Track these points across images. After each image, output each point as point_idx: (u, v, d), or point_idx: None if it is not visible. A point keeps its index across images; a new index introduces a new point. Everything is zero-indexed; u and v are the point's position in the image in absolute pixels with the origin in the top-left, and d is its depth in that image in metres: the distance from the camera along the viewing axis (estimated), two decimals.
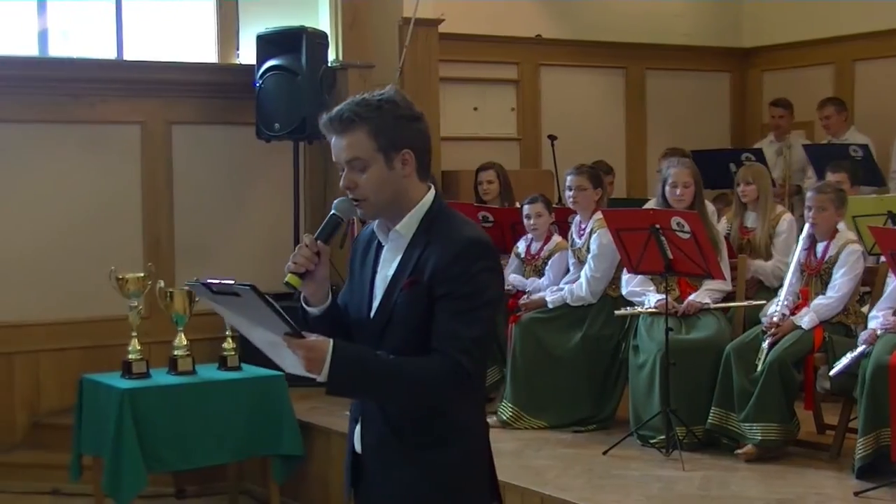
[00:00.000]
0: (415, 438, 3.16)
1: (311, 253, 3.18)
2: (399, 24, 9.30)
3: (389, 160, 3.13)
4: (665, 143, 10.33)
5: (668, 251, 6.40)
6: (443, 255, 3.09)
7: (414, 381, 3.06)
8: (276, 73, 8.39)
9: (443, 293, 3.07)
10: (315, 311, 3.26)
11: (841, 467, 6.05)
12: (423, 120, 3.22)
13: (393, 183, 3.15)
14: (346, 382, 3.08)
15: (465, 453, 3.19)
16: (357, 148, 3.14)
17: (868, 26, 10.92)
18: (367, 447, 3.26)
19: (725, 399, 6.30)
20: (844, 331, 6.38)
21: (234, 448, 6.84)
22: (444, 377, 3.04)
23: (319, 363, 3.02)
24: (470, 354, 3.04)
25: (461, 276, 3.06)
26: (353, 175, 3.17)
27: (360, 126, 3.12)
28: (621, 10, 11.44)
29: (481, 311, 3.07)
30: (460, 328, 3.04)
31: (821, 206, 6.45)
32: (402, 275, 3.16)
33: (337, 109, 3.17)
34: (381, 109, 3.12)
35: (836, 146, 9.69)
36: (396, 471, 3.18)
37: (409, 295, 3.12)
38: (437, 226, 3.17)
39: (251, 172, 8.93)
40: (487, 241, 3.15)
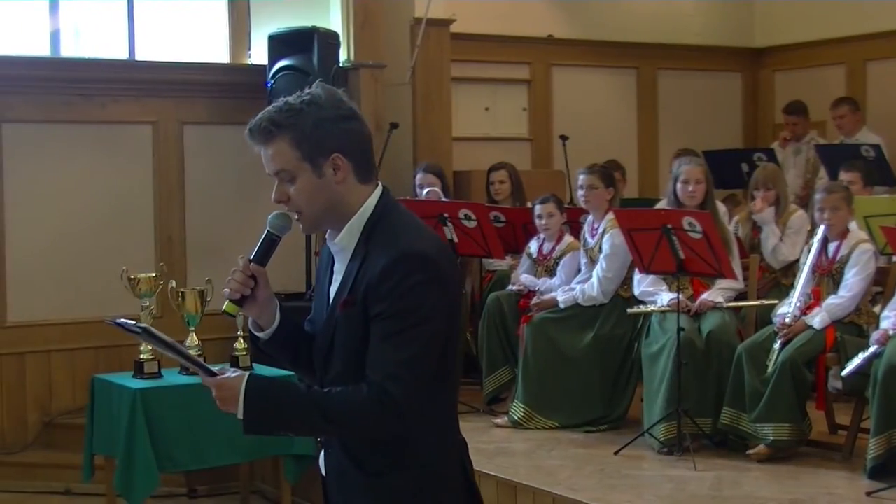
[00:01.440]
0: (371, 467, 2.96)
1: (245, 276, 3.01)
2: (410, 24, 9.30)
3: (317, 167, 2.91)
4: (677, 143, 10.33)
5: (679, 251, 6.39)
6: (374, 272, 2.85)
7: (334, 416, 2.85)
8: (287, 73, 8.39)
9: (374, 314, 2.85)
10: (263, 336, 3.08)
11: (853, 467, 6.04)
12: (356, 117, 2.99)
13: (325, 191, 2.93)
14: (262, 421, 2.91)
15: (426, 478, 2.97)
16: (280, 159, 2.94)
17: (880, 26, 10.89)
18: (330, 472, 3.10)
19: (737, 399, 6.30)
20: (856, 331, 6.37)
21: (246, 448, 6.84)
22: (369, 409, 2.82)
23: (233, 401, 2.89)
24: (397, 380, 2.80)
25: (390, 293, 2.82)
26: (283, 187, 2.97)
27: (280, 135, 2.92)
28: (633, 10, 11.43)
29: (415, 329, 2.81)
30: (388, 351, 2.81)
31: (834, 206, 6.44)
32: (341, 293, 2.95)
33: (257, 118, 2.96)
34: (300, 113, 2.91)
35: (848, 146, 9.67)
36: (355, 496, 3.01)
37: (345, 317, 2.92)
38: (377, 236, 2.92)
39: (262, 172, 8.80)
40: (425, 252, 2.87)
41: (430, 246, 2.92)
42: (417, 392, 2.85)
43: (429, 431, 2.97)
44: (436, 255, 2.90)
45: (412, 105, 9.23)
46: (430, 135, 9.25)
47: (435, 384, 2.91)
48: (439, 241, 3.03)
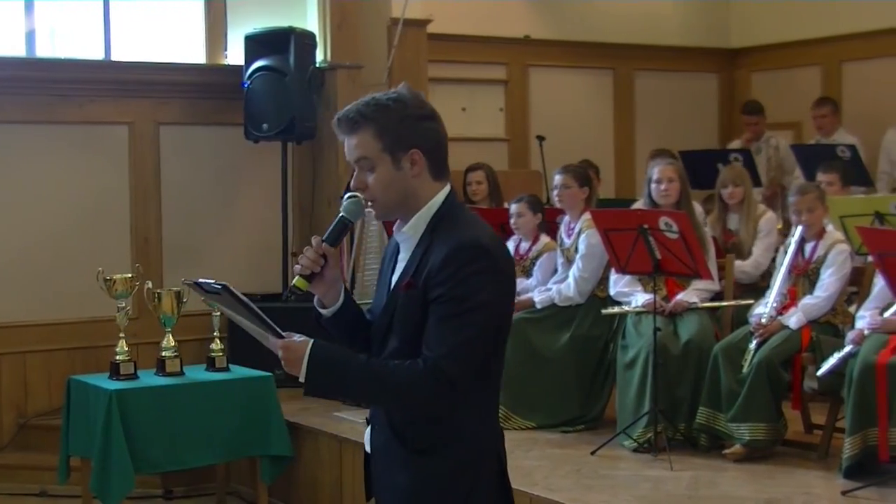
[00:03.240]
0: (414, 444, 3.14)
1: (317, 255, 3.17)
2: (387, 24, 9.29)
3: (397, 160, 3.11)
4: (653, 143, 10.36)
5: (656, 251, 6.41)
6: (436, 258, 3.05)
7: (391, 385, 3.04)
8: (264, 73, 8.38)
9: (434, 297, 3.04)
10: (326, 313, 3.27)
11: (829, 467, 6.06)
12: (436, 118, 3.19)
13: (401, 183, 3.13)
14: (323, 383, 3.10)
15: (465, 462, 3.14)
16: (363, 148, 3.12)
17: (855, 27, 10.96)
18: (375, 448, 3.27)
19: (713, 399, 6.32)
20: (832, 331, 6.40)
21: (223, 449, 6.83)
22: (424, 383, 3.00)
23: (297, 363, 3.05)
24: (453, 359, 2.99)
25: (450, 279, 3.01)
26: (362, 175, 3.16)
27: (365, 126, 3.10)
28: (609, 10, 11.46)
29: (471, 314, 3.01)
30: (446, 333, 3.01)
31: (810, 207, 6.47)
32: (404, 277, 3.15)
33: (345, 109, 3.15)
34: (387, 109, 3.10)
35: (825, 146, 9.72)
36: (397, 474, 3.17)
37: (405, 298, 3.11)
38: (442, 227, 3.13)
39: (239, 173, 8.92)
40: (484, 244, 3.08)
41: (489, 240, 3.11)
42: (468, 373, 3.04)
43: (473, 416, 3.16)
44: (494, 249, 3.11)
45: None
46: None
47: (483, 371, 3.11)
48: (498, 237, 3.21)
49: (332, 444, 7.01)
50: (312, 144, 8.87)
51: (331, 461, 7.01)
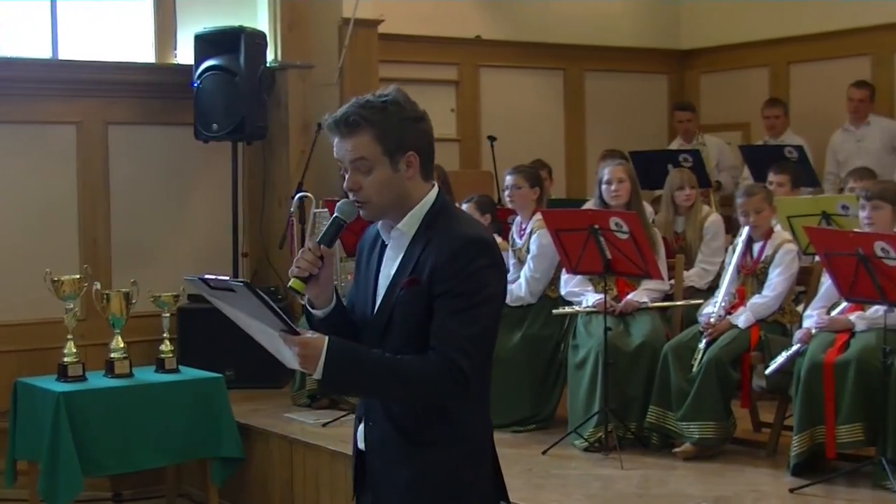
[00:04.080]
0: (417, 437, 3.16)
1: (315, 257, 3.17)
2: (338, 24, 9.27)
3: (395, 162, 3.14)
4: (604, 143, 10.39)
5: (606, 251, 6.43)
6: (441, 254, 3.08)
7: (409, 380, 3.06)
8: (214, 73, 8.34)
9: (441, 292, 3.07)
10: (319, 314, 3.25)
11: (777, 464, 6.11)
12: (427, 120, 3.22)
13: (397, 184, 3.16)
14: (339, 380, 3.11)
15: (467, 453, 3.19)
16: (362, 150, 3.13)
17: (803, 29, 11.04)
18: (371, 445, 3.26)
19: (663, 398, 6.35)
20: (780, 330, 6.45)
21: (173, 451, 6.80)
22: (440, 376, 3.03)
23: (314, 360, 3.03)
24: (466, 353, 3.03)
25: (459, 273, 3.05)
26: (356, 177, 3.16)
27: (365, 129, 3.12)
28: (561, 11, 11.47)
29: (480, 308, 3.07)
30: (457, 327, 3.04)
31: (757, 208, 6.51)
32: (402, 274, 3.16)
33: (342, 111, 3.16)
34: (386, 111, 3.13)
35: (773, 147, 9.80)
36: (398, 469, 3.18)
37: (408, 294, 3.12)
38: (438, 224, 3.17)
39: (189, 173, 8.87)
40: (487, 239, 3.15)
41: (489, 235, 3.21)
42: (480, 366, 3.12)
43: (473, 409, 3.21)
44: (495, 244, 3.19)
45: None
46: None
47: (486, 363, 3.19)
48: (491, 232, 3.30)
49: (282, 445, 6.98)
50: (263, 144, 8.84)
51: (281, 462, 6.99)
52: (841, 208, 6.85)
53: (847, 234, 5.84)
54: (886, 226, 5.92)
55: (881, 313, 5.66)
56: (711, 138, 10.83)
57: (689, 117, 10.78)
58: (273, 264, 8.73)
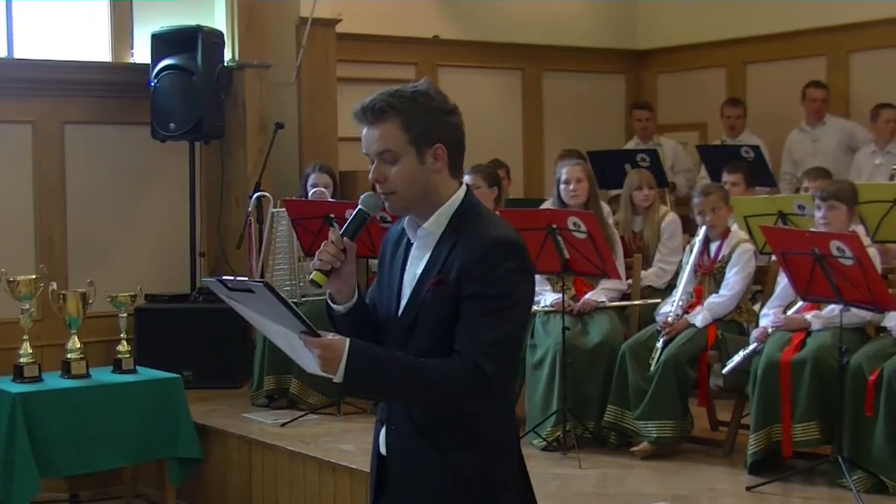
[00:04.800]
0: (440, 442, 3.10)
1: (338, 250, 3.12)
2: (296, 23, 9.25)
3: (421, 154, 3.07)
4: (561, 143, 10.42)
5: (564, 251, 6.45)
6: (469, 255, 3.02)
7: (431, 383, 3.00)
8: (171, 72, 8.30)
9: (468, 294, 3.01)
10: (340, 309, 3.19)
11: (734, 463, 6.15)
12: (458, 113, 3.16)
13: (423, 177, 3.09)
14: (361, 383, 3.03)
15: (491, 458, 3.12)
16: (388, 139, 3.07)
17: (759, 30, 11.12)
18: (392, 449, 3.20)
19: (621, 397, 6.38)
20: (737, 329, 6.49)
21: (130, 452, 6.77)
22: (463, 380, 2.98)
23: (335, 363, 2.96)
24: (491, 357, 2.97)
25: (487, 276, 2.99)
26: (382, 167, 3.10)
27: (392, 117, 3.06)
28: (518, 11, 11.49)
29: (506, 312, 3.00)
30: (482, 330, 2.98)
31: (713, 207, 6.56)
32: (429, 274, 3.09)
33: (370, 99, 3.10)
34: (414, 101, 3.07)
35: (730, 147, 9.86)
36: (420, 474, 3.13)
37: (434, 295, 3.06)
38: (466, 224, 3.09)
39: (146, 173, 8.81)
40: (516, 241, 3.07)
41: (518, 238, 3.11)
42: (506, 371, 3.06)
43: (498, 412, 3.14)
44: (524, 247, 3.11)
45: (298, 105, 9.19)
46: (316, 135, 9.21)
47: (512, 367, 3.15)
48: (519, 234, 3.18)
49: (241, 445, 6.96)
50: (220, 144, 8.80)
51: (240, 463, 6.97)
52: (797, 208, 6.90)
53: (803, 233, 5.88)
54: (842, 225, 5.97)
55: (837, 312, 5.70)
56: (667, 140, 10.90)
57: (647, 116, 10.84)
58: (230, 264, 8.69)
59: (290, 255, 7.72)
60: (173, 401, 6.84)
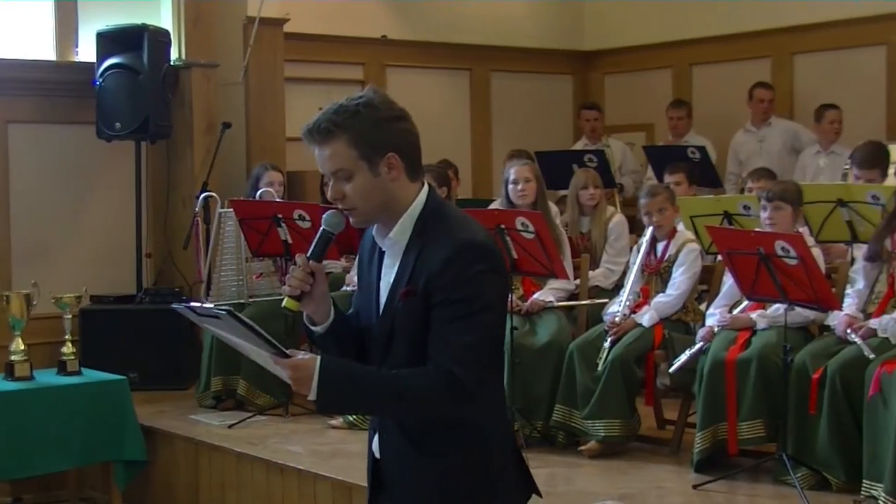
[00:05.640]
0: (431, 446, 3.09)
1: (305, 274, 3.10)
2: (243, 23, 9.21)
3: (374, 166, 3.03)
4: (510, 144, 10.44)
5: (512, 251, 6.46)
6: (435, 261, 2.99)
7: (405, 395, 2.98)
8: (116, 71, 8.24)
9: (437, 301, 2.98)
10: (319, 330, 3.18)
11: (681, 461, 6.18)
12: (407, 118, 3.13)
13: (380, 189, 3.05)
14: (335, 400, 3.03)
15: (485, 456, 3.11)
16: (338, 159, 3.04)
17: (705, 31, 11.20)
18: (386, 454, 3.20)
19: (569, 396, 6.39)
20: (683, 328, 6.53)
21: (75, 454, 6.71)
22: (436, 388, 2.95)
23: (307, 381, 2.95)
24: (464, 362, 2.94)
25: (454, 281, 2.96)
26: (339, 185, 3.07)
27: (338, 135, 3.03)
28: (467, 11, 11.51)
29: (477, 315, 2.96)
30: (454, 335, 2.96)
31: (660, 207, 6.60)
32: (399, 284, 3.07)
33: (315, 119, 3.07)
34: (358, 115, 3.04)
35: (676, 148, 9.92)
36: (417, 478, 3.12)
37: (406, 305, 3.04)
38: (431, 229, 3.06)
39: (92, 173, 8.74)
40: (483, 242, 3.04)
41: (486, 238, 3.08)
42: (480, 375, 3.00)
43: (485, 413, 3.11)
44: (492, 247, 3.07)
45: (245, 105, 9.15)
46: (264, 135, 9.18)
47: (490, 369, 3.09)
48: (490, 234, 3.18)
49: (187, 447, 6.92)
50: (167, 144, 8.75)
51: (186, 465, 6.93)
52: (742, 208, 6.94)
53: (748, 233, 5.93)
54: (787, 226, 6.02)
55: (781, 311, 5.75)
56: (616, 141, 10.94)
57: (595, 116, 10.87)
58: (177, 265, 8.64)
59: (238, 256, 7.68)
60: (119, 403, 6.79)
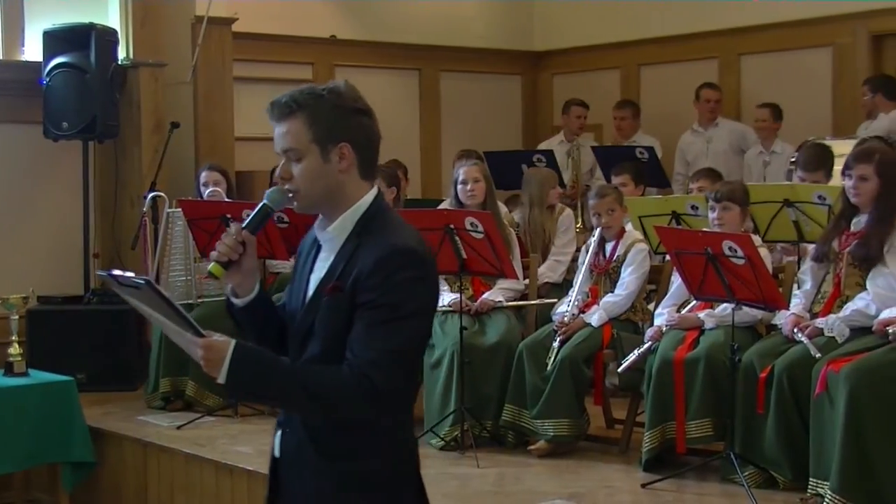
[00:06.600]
0: (332, 448, 3.02)
1: (236, 242, 3.06)
2: (192, 22, 9.17)
3: (325, 152, 3.01)
4: (459, 143, 10.45)
5: (462, 251, 6.47)
6: (367, 262, 2.94)
7: (315, 391, 2.91)
8: (63, 70, 8.19)
9: (363, 302, 2.93)
10: (239, 303, 3.13)
11: (629, 460, 6.22)
12: (370, 115, 3.11)
13: (327, 176, 3.03)
14: (244, 386, 2.97)
15: (384, 466, 3.04)
16: (292, 137, 3.02)
17: (653, 32, 11.27)
18: (286, 453, 3.13)
19: (518, 396, 6.41)
20: (632, 328, 6.56)
21: (21, 456, 6.65)
22: (348, 390, 2.89)
23: (219, 363, 2.89)
24: (381, 368, 2.88)
25: (383, 284, 2.91)
26: (287, 166, 3.05)
27: (297, 114, 3.02)
28: (416, 11, 11.51)
29: (401, 322, 2.91)
30: (374, 340, 2.90)
31: (609, 208, 6.63)
32: (329, 279, 3.02)
33: (280, 96, 3.06)
34: (321, 98, 3.02)
35: (624, 148, 9.96)
36: (312, 480, 3.05)
37: (331, 301, 2.99)
38: (370, 230, 3.02)
39: (39, 172, 8.67)
40: (416, 249, 2.98)
41: (420, 245, 3.03)
42: (395, 382, 2.95)
43: (391, 423, 3.06)
44: (426, 255, 3.03)
45: (193, 104, 9.11)
46: (212, 134, 9.15)
47: (405, 378, 3.03)
48: (426, 242, 3.11)
49: (136, 449, 6.88)
50: (115, 143, 8.70)
51: (135, 467, 6.89)
52: (690, 208, 6.99)
53: (696, 233, 5.96)
54: (735, 226, 6.06)
55: (729, 311, 5.79)
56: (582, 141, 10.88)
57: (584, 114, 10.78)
58: (125, 265, 8.57)
59: (186, 256, 7.65)
60: (66, 404, 6.74)
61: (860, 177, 5.56)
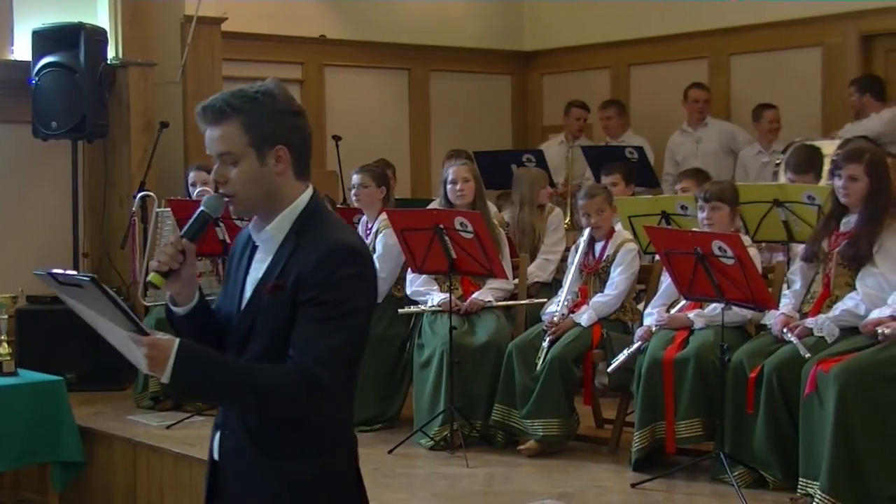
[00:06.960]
0: (273, 448, 3.02)
1: (176, 251, 3.04)
2: (181, 21, 9.16)
3: (262, 156, 3.01)
4: (449, 143, 10.45)
5: (451, 251, 6.47)
6: (308, 260, 2.95)
7: (261, 389, 2.91)
8: (53, 69, 8.17)
9: (305, 299, 2.94)
10: (179, 311, 3.12)
11: (619, 460, 6.23)
12: (303, 116, 3.11)
13: (264, 180, 3.02)
14: (188, 384, 2.96)
15: (327, 467, 3.04)
16: (228, 141, 3.01)
17: (642, 32, 11.28)
18: (225, 455, 3.12)
19: (508, 396, 6.42)
20: (622, 328, 6.57)
21: (11, 456, 6.64)
22: (295, 387, 2.90)
23: (163, 363, 2.88)
24: (326, 365, 2.90)
25: (324, 282, 2.92)
26: (223, 169, 3.04)
27: (232, 118, 3.01)
28: (406, 11, 11.52)
29: (344, 319, 2.93)
30: (318, 337, 2.91)
31: (598, 208, 6.64)
32: (268, 278, 3.03)
33: (211, 99, 3.05)
34: (256, 101, 3.01)
35: (613, 148, 9.98)
36: (253, 482, 3.05)
37: (272, 300, 3.00)
38: (309, 228, 3.03)
39: (28, 172, 8.66)
40: (356, 247, 3.00)
41: (360, 243, 3.07)
42: (340, 378, 2.98)
43: (333, 421, 3.07)
44: (365, 253, 3.06)
45: (183, 104, 9.10)
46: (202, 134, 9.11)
47: (348, 376, 3.05)
48: (363, 241, 3.16)
49: (125, 448, 6.88)
50: (104, 143, 8.68)
51: (124, 466, 6.88)
52: (680, 208, 7.00)
53: (686, 233, 5.98)
54: (725, 226, 6.08)
55: (718, 311, 5.79)
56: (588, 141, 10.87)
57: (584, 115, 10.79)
58: (114, 264, 8.57)
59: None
60: (56, 403, 6.73)
61: (850, 177, 5.57)
